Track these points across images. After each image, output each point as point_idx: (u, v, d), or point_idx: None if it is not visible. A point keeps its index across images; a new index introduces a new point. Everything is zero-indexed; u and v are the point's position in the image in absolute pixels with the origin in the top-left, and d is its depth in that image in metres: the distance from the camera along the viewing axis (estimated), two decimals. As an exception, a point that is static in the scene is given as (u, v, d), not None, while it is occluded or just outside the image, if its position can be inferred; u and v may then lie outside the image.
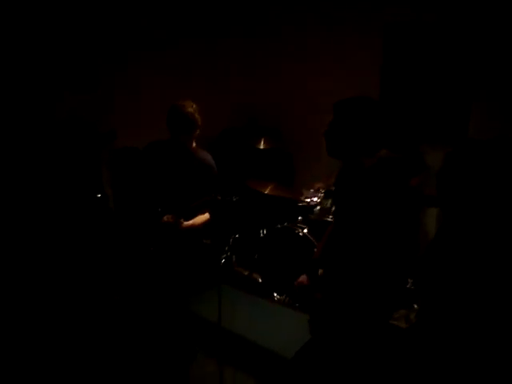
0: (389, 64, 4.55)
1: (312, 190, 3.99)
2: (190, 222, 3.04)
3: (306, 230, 3.61)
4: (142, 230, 3.04)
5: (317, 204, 3.81)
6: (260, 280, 3.80)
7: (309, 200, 3.83)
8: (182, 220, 2.96)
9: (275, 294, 3.66)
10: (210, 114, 4.63)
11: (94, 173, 3.74)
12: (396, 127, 4.41)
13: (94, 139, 3.78)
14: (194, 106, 3.01)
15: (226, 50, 5.12)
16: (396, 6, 4.25)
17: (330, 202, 3.71)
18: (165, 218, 2.97)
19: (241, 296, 3.54)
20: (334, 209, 3.61)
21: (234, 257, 4.06)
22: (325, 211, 3.72)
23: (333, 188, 3.78)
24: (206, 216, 3.11)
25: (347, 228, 2.02)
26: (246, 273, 3.97)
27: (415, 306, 3.38)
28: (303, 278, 2.34)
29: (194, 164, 3.07)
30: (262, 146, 4.15)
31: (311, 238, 3.53)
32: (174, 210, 2.98)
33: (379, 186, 1.86)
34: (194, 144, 3.10)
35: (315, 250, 3.43)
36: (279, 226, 3.75)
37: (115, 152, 3.98)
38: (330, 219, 3.60)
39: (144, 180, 3.20)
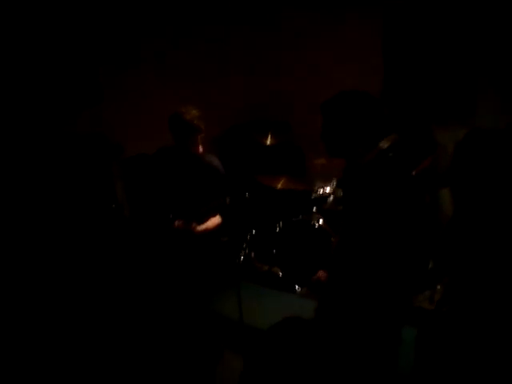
0: (391, 46, 4.51)
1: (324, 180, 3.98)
2: (203, 226, 3.07)
3: (321, 221, 3.60)
4: (155, 236, 3.08)
5: (330, 194, 3.80)
6: (280, 274, 3.81)
7: (322, 191, 3.83)
8: (194, 224, 2.99)
9: (297, 287, 3.67)
10: (218, 111, 4.67)
11: (107, 184, 3.79)
12: (404, 109, 4.38)
13: (104, 151, 3.82)
14: (194, 111, 3.00)
15: (232, 46, 5.11)
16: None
17: (341, 191, 3.70)
18: (176, 223, 3.00)
19: (262, 291, 3.56)
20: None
21: (252, 253, 4.08)
22: (338, 201, 3.71)
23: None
24: (218, 219, 3.14)
25: (354, 226, 2.00)
26: (266, 268, 3.99)
27: (438, 287, 3.35)
28: (321, 273, 2.34)
29: (200, 168, 3.10)
30: (269, 142, 4.15)
31: (327, 229, 3.53)
32: (185, 215, 3.01)
33: (375, 183, 1.82)
34: (201, 148, 3.10)
35: (332, 239, 3.44)
36: (294, 219, 3.75)
37: (126, 161, 4.02)
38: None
39: (155, 186, 3.23)
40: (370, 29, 4.53)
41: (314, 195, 3.86)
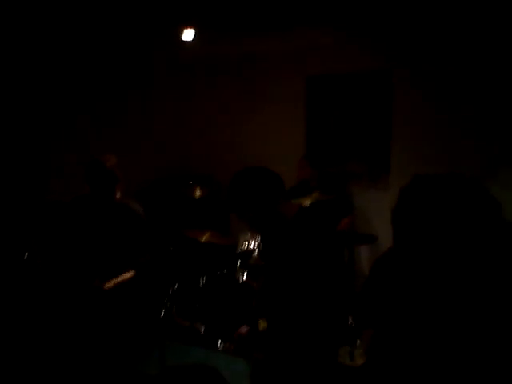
0: (312, 108, 4.85)
1: (249, 235, 4.05)
2: (112, 282, 2.94)
3: (245, 276, 3.62)
4: (72, 292, 2.91)
5: (254, 249, 3.85)
6: (202, 330, 3.72)
7: (246, 245, 3.87)
8: (98, 281, 2.87)
9: (219, 343, 3.59)
10: (141, 165, 4.63)
11: (21, 231, 3.54)
12: (323, 167, 4.65)
13: (22, 193, 3.61)
14: (114, 159, 2.98)
15: (157, 102, 5.18)
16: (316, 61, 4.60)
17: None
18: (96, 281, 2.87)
19: (184, 349, 3.45)
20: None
21: (174, 308, 3.96)
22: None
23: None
24: (130, 273, 3.04)
25: (279, 279, 2.07)
26: (188, 324, 3.88)
27: (358, 342, 3.46)
28: (243, 328, 2.34)
29: (120, 214, 3.01)
30: (197, 194, 4.16)
31: (251, 284, 3.55)
32: (101, 271, 2.88)
33: (305, 236, 1.94)
34: (119, 194, 3.05)
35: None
36: (218, 274, 3.74)
37: (41, 206, 3.81)
38: (268, 263, 3.66)
39: (72, 236, 3.08)
40: (293, 91, 4.85)
41: (238, 250, 3.89)
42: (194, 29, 3.80)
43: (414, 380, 1.01)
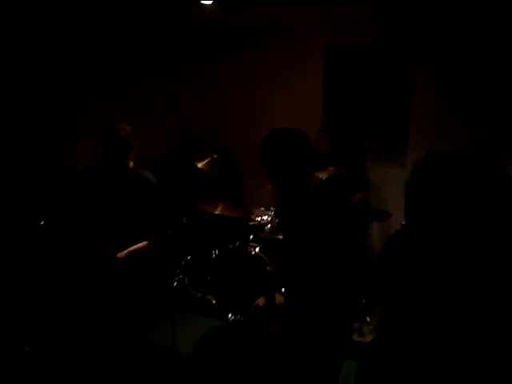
0: (330, 81, 4.74)
1: (262, 208, 4.03)
2: (125, 251, 2.94)
3: (257, 249, 3.62)
4: (86, 260, 2.93)
5: (267, 222, 3.84)
6: (214, 302, 3.75)
7: (259, 218, 3.86)
8: (112, 251, 2.87)
9: (230, 315, 3.62)
10: (157, 136, 4.61)
11: (37, 198, 3.58)
12: (341, 142, 4.57)
13: (37, 162, 3.63)
14: (128, 128, 2.95)
15: (174, 75, 5.11)
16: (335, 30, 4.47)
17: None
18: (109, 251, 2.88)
19: (195, 319, 3.48)
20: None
21: (186, 279, 4.00)
22: (275, 229, 3.76)
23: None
24: (143, 243, 3.03)
25: (299, 251, 2.04)
26: (200, 295, 3.91)
27: (368, 319, 3.46)
28: (261, 300, 2.34)
29: (136, 183, 3.00)
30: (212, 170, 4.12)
31: (263, 257, 3.54)
32: (117, 239, 2.89)
33: (326, 209, 1.91)
34: (132, 164, 3.03)
35: (268, 268, 3.45)
36: (231, 246, 3.74)
37: (57, 176, 3.84)
38: (281, 237, 3.64)
39: (89, 204, 3.09)
40: (312, 62, 4.73)
41: (251, 223, 3.88)
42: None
43: (421, 358, 0.98)
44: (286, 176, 1.92)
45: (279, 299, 2.70)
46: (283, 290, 2.46)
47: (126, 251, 2.93)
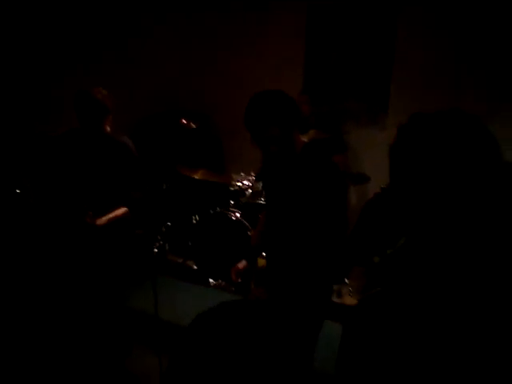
0: (312, 42, 4.66)
1: (242, 174, 4.01)
2: (104, 218, 2.89)
3: (238, 214, 3.62)
4: (65, 227, 2.88)
5: (248, 187, 3.83)
6: (195, 267, 3.78)
7: (240, 184, 3.84)
8: (92, 218, 2.82)
9: (211, 280, 3.66)
10: (135, 99, 4.50)
11: (12, 165, 3.48)
12: (321, 104, 4.53)
13: (10, 128, 3.51)
14: (104, 91, 2.85)
15: (151, 39, 4.95)
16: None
17: (261, 185, 3.74)
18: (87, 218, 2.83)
19: (176, 284, 3.51)
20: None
21: (166, 245, 4.00)
22: (256, 194, 3.75)
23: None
24: (123, 209, 2.98)
25: (283, 214, 2.04)
26: (180, 260, 3.93)
27: (346, 281, 3.53)
28: (241, 263, 2.35)
29: (111, 148, 2.92)
30: (193, 125, 4.05)
31: (244, 222, 3.55)
32: (95, 205, 2.83)
33: (311, 171, 1.90)
34: (108, 129, 2.94)
35: (249, 233, 3.47)
36: (211, 212, 3.73)
37: (32, 141, 3.73)
38: (262, 202, 3.64)
39: (65, 170, 3.01)
40: (293, 27, 4.63)
41: (232, 188, 3.86)
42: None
43: (409, 323, 0.99)
44: (274, 138, 1.89)
45: (261, 263, 2.72)
46: (264, 253, 2.47)
47: (105, 218, 2.88)
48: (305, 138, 2.16)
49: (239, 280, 2.40)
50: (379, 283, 1.03)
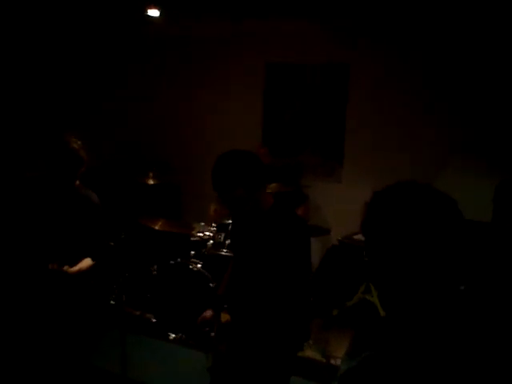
0: (270, 97, 4.85)
1: (203, 224, 4.01)
2: (77, 267, 2.81)
3: (199, 265, 3.59)
4: (24, 278, 2.75)
5: (209, 238, 3.82)
6: (153, 320, 3.66)
7: (201, 234, 3.84)
8: (66, 266, 2.73)
9: (170, 333, 3.55)
10: (94, 149, 4.44)
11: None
12: (280, 157, 4.68)
13: None
14: (79, 142, 2.80)
15: (114, 86, 4.98)
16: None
17: (223, 235, 3.75)
18: (50, 266, 2.72)
19: (133, 338, 3.38)
20: (228, 242, 3.69)
21: (123, 297, 3.86)
22: (218, 245, 3.75)
23: (225, 221, 3.85)
24: (90, 260, 2.91)
25: (250, 269, 2.07)
26: (138, 313, 3.81)
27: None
28: (208, 312, 2.33)
29: (78, 203, 2.86)
30: (151, 182, 4.05)
31: (206, 273, 3.52)
32: (58, 256, 2.74)
33: (280, 229, 1.96)
34: (78, 182, 2.87)
35: (211, 285, 3.43)
36: (172, 262, 3.68)
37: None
38: (224, 253, 3.64)
39: (27, 220, 2.89)
40: (253, 78, 4.82)
41: (193, 238, 3.84)
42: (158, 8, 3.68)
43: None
44: (240, 199, 1.94)
45: (225, 318, 2.70)
46: (226, 307, 2.46)
47: (77, 267, 2.78)
48: (268, 191, 2.24)
49: (206, 329, 2.38)
50: (367, 347, 1.07)
